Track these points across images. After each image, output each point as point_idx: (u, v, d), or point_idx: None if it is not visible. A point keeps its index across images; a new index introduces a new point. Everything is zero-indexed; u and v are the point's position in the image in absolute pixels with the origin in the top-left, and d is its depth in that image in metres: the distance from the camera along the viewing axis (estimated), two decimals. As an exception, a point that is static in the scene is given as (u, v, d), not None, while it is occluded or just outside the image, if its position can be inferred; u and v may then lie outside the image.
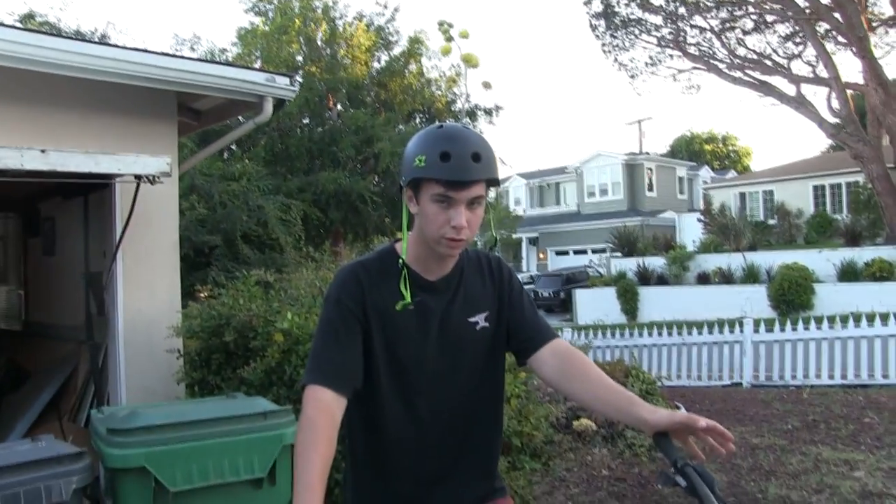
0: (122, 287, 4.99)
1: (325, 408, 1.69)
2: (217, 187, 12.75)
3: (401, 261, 1.82)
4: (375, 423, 1.85)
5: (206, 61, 5.26)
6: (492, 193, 1.80)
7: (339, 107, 22.17)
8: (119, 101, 5.06)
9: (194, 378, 4.70)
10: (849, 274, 19.63)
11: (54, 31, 17.75)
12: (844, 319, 9.87)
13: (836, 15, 22.45)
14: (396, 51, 24.21)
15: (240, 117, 7.10)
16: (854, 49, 22.63)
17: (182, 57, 9.08)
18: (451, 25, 18.71)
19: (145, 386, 5.00)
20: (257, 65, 21.15)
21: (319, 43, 23.26)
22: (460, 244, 1.76)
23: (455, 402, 1.88)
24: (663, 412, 1.70)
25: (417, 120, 23.87)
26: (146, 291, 5.19)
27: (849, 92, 23.83)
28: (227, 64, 13.69)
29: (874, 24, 24.50)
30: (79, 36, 18.94)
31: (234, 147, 19.99)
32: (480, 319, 1.91)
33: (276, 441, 3.39)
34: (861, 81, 22.87)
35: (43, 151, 3.92)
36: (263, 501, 3.38)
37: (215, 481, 3.23)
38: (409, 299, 1.79)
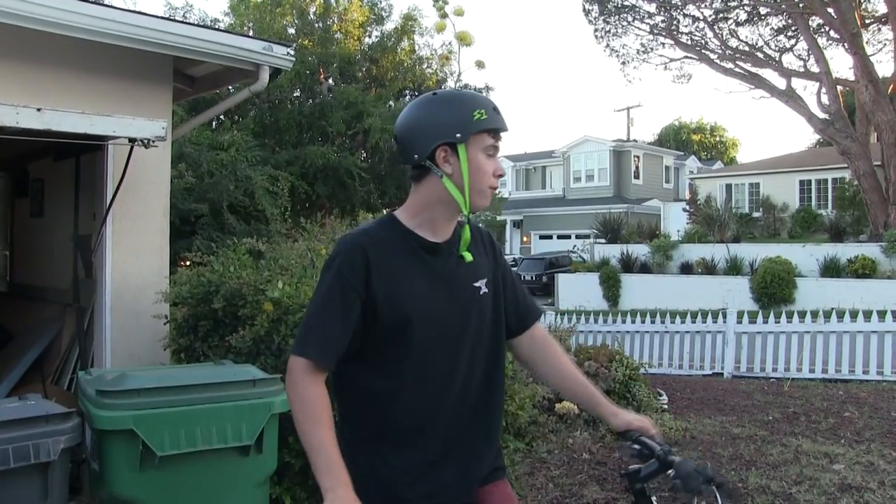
0: (110, 251, 4.95)
1: (317, 381, 1.74)
2: (205, 156, 12.64)
3: (464, 214, 1.88)
4: (388, 388, 1.84)
5: (205, 27, 5.21)
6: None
7: (330, 81, 21.98)
8: (115, 63, 4.99)
9: (181, 345, 4.67)
10: (831, 270, 19.77)
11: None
12: (827, 314, 9.95)
13: (830, 10, 22.48)
14: (389, 27, 24.03)
15: (230, 88, 7.04)
16: (846, 45, 22.69)
17: (181, 21, 8.99)
18: (445, 2, 18.53)
19: (131, 351, 4.98)
20: (250, 34, 20.93)
21: (312, 16, 23.03)
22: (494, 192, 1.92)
23: (465, 364, 1.89)
24: (624, 417, 2.01)
25: (407, 97, 23.72)
26: (135, 256, 5.15)
27: (839, 88, 23.93)
28: (226, 31, 13.56)
29: (867, 21, 24.58)
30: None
31: (223, 117, 19.80)
32: (483, 284, 1.94)
33: (264, 409, 3.38)
34: (852, 78, 22.97)
35: (39, 110, 3.86)
36: (250, 469, 3.38)
37: (203, 447, 3.21)
38: (469, 258, 1.90)
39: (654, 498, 1.83)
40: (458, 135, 1.81)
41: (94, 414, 3.07)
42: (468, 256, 1.87)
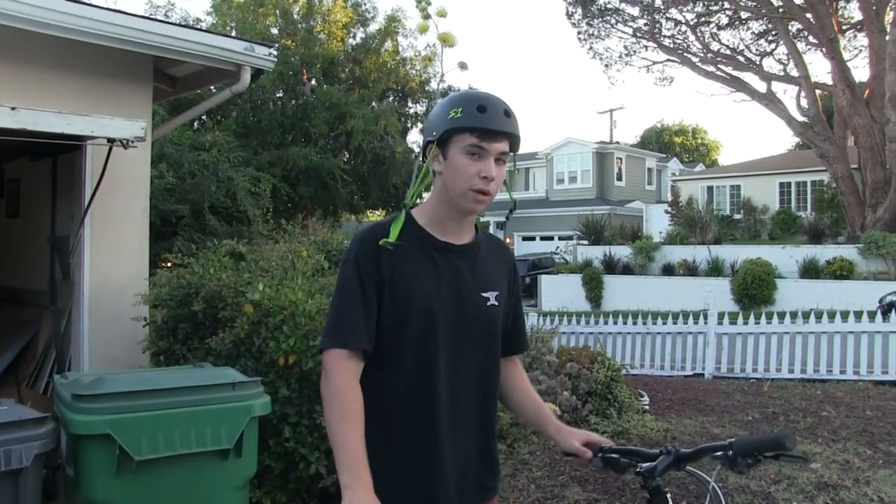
0: (89, 252, 4.90)
1: (352, 373, 1.74)
2: (187, 157, 12.58)
3: (404, 209, 1.86)
4: (384, 384, 1.83)
5: (186, 27, 5.17)
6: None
7: (313, 82, 21.93)
8: (94, 62, 4.95)
9: (160, 347, 4.64)
10: (810, 271, 19.94)
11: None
12: (806, 315, 10.03)
13: (808, 15, 22.72)
14: (373, 28, 24.02)
15: (212, 87, 6.98)
16: (824, 50, 22.94)
17: (162, 21, 8.92)
18: (428, 3, 18.50)
19: (109, 354, 4.93)
20: (232, 35, 20.84)
21: (296, 16, 22.99)
22: (486, 199, 1.81)
23: (462, 368, 1.88)
24: (573, 439, 2.00)
25: (391, 98, 23.71)
26: (114, 257, 5.10)
27: (817, 92, 24.18)
28: (207, 31, 13.48)
29: (844, 28, 24.84)
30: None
31: (205, 117, 19.72)
32: (492, 297, 1.92)
33: (244, 412, 3.36)
34: (830, 82, 23.22)
35: (13, 109, 3.82)
36: (229, 472, 3.35)
37: (181, 451, 3.19)
38: (393, 238, 1.82)
39: (668, 495, 1.84)
40: (434, 133, 1.82)
41: (70, 418, 3.04)
42: (393, 237, 1.83)
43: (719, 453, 1.77)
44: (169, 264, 5.43)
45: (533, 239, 36.32)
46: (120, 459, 3.04)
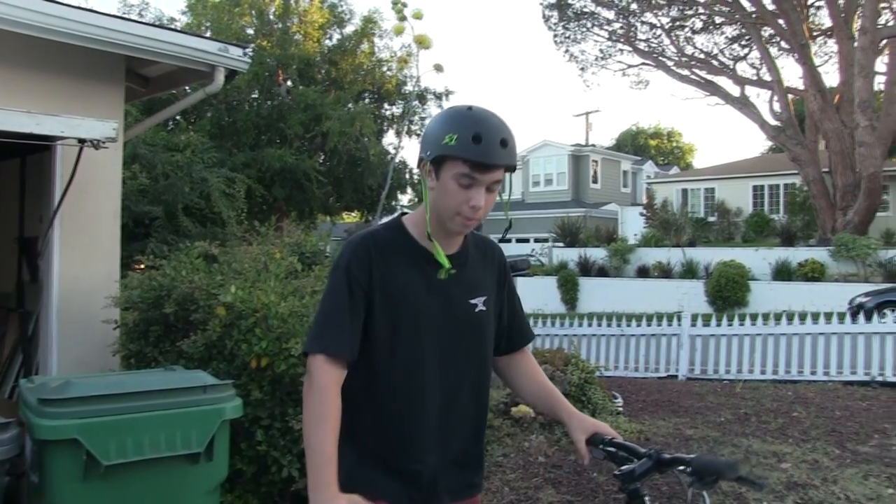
0: (58, 254, 4.84)
1: (334, 377, 1.75)
2: (160, 157, 12.45)
3: (427, 231, 1.82)
4: (375, 395, 1.85)
5: (159, 27, 5.12)
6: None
7: (289, 83, 21.82)
8: (65, 61, 4.88)
9: (131, 350, 4.57)
10: (783, 273, 20.17)
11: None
12: (778, 317, 10.13)
13: (781, 21, 23.03)
14: (349, 29, 23.96)
15: (187, 88, 6.93)
16: (796, 55, 23.25)
17: (135, 21, 8.83)
18: (404, 5, 18.46)
19: (79, 357, 4.86)
20: (207, 35, 20.69)
21: (271, 17, 22.87)
22: (473, 223, 1.82)
23: (454, 378, 1.89)
24: (579, 432, 1.98)
25: (367, 100, 23.66)
26: (84, 259, 5.04)
27: (790, 96, 24.49)
28: (180, 31, 13.38)
29: (815, 34, 25.20)
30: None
31: (179, 118, 19.55)
32: (480, 303, 1.94)
33: (215, 415, 3.32)
34: (802, 87, 23.52)
35: (-20, 109, 3.75)
36: (200, 476, 3.31)
37: (151, 455, 3.14)
38: (447, 265, 1.81)
39: (647, 498, 1.84)
40: (427, 152, 1.79)
41: (35, 423, 2.98)
42: (445, 262, 1.81)
43: (681, 468, 1.79)
44: (142, 266, 5.37)
45: (509, 241, 36.38)
46: (87, 465, 2.98)
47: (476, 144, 1.72)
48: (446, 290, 1.87)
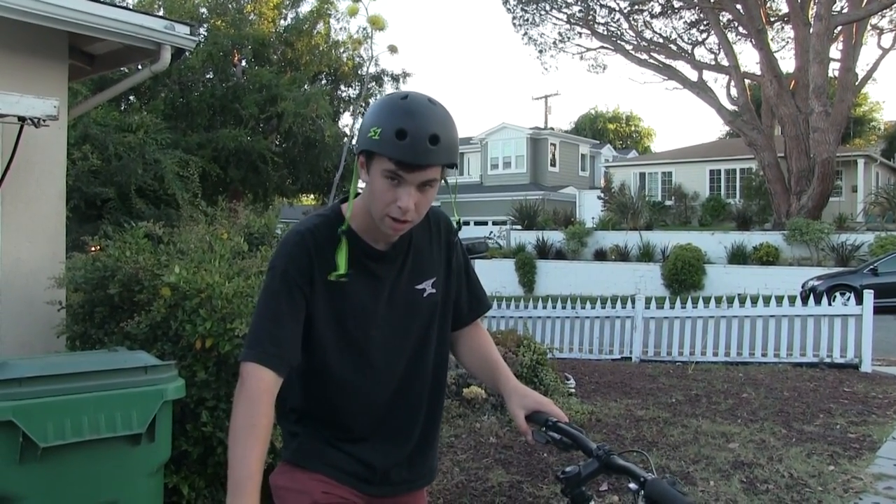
0: (0, 235, 4.71)
1: (266, 388, 1.63)
2: (112, 138, 12.23)
3: (341, 229, 1.72)
4: (325, 393, 1.80)
5: (102, 2, 4.97)
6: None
7: (243, 63, 21.50)
8: (2, 37, 4.73)
9: (76, 332, 4.49)
10: (738, 257, 20.50)
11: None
12: (731, 300, 10.30)
13: (738, 6, 23.26)
14: (304, 9, 23.64)
15: (139, 66, 6.77)
16: (753, 41, 23.55)
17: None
18: (359, -15, 18.31)
19: (22, 339, 4.76)
20: (160, 14, 20.27)
21: (226, -4, 22.48)
22: (403, 226, 1.67)
23: (405, 370, 1.84)
24: (520, 409, 1.82)
25: (323, 81, 23.42)
26: (27, 240, 4.91)
27: (747, 81, 24.80)
28: (124, 7, 13.11)
29: (772, 19, 25.53)
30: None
31: (132, 98, 19.16)
32: (428, 286, 1.87)
33: (156, 396, 3.26)
34: (758, 72, 23.82)
35: None
36: (141, 458, 3.25)
37: (90, 436, 3.07)
38: (343, 270, 1.70)
39: (592, 502, 1.73)
40: (356, 145, 1.70)
41: (-33, 406, 2.90)
42: (342, 267, 1.71)
43: (633, 486, 1.62)
44: (96, 248, 5.26)
45: (467, 224, 36.16)
46: (23, 447, 2.91)
47: (400, 141, 1.55)
48: (390, 281, 1.80)
